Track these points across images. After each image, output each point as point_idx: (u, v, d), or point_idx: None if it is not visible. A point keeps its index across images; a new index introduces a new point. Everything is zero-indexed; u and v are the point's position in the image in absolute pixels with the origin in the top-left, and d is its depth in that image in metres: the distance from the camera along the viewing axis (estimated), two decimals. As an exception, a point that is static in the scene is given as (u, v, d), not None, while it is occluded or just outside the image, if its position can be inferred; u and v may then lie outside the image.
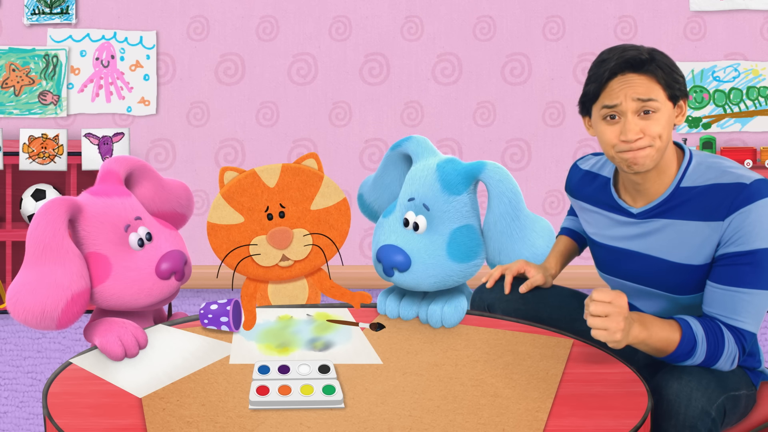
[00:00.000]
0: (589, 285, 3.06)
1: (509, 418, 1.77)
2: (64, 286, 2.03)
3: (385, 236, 2.24)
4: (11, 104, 3.94)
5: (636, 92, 1.89)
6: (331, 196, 2.17)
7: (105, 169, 2.26)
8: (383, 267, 2.21)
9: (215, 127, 4.03)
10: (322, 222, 2.16)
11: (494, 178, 2.15)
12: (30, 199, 3.81)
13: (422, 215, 2.20)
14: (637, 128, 1.89)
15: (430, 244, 2.19)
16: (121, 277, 2.14)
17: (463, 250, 2.20)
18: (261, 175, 2.15)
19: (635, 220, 2.03)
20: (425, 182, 2.21)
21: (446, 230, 2.20)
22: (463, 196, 2.20)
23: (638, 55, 1.90)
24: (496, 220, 2.17)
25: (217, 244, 2.16)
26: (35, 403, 3.06)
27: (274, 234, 2.15)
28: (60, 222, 2.05)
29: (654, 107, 1.89)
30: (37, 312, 2.01)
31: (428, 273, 2.19)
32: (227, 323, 2.15)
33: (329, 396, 1.82)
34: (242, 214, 2.14)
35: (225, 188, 2.15)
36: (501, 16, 4.00)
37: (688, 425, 1.80)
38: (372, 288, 3.86)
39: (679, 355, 1.88)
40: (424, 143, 2.29)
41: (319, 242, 2.18)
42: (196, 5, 3.98)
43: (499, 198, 2.15)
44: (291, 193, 2.14)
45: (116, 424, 1.75)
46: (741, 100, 4.01)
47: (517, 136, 4.05)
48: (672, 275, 1.99)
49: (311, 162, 2.19)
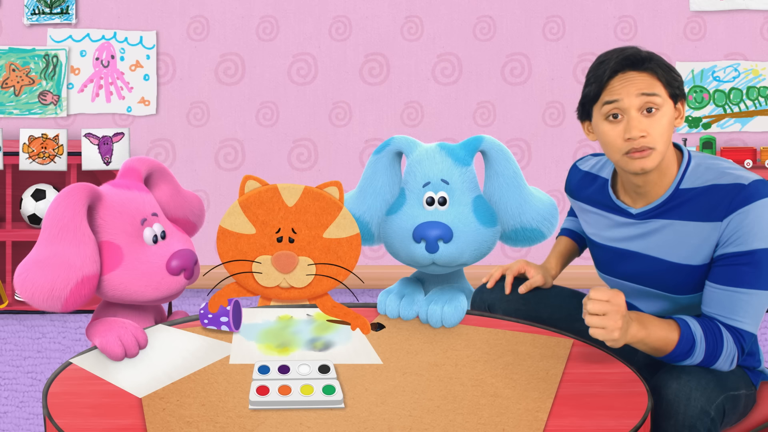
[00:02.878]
0: (589, 285, 3.06)
1: (509, 418, 1.77)
2: (76, 266, 2.05)
3: (413, 220, 2.26)
4: (11, 104, 3.94)
5: (638, 88, 1.88)
6: (346, 228, 2.17)
7: (127, 165, 2.31)
8: (427, 243, 2.23)
9: (215, 127, 4.03)
10: (331, 252, 2.15)
11: (495, 145, 2.31)
12: (30, 199, 3.81)
13: (443, 190, 2.27)
14: (642, 125, 1.88)
15: (460, 214, 2.26)
16: (131, 268, 2.16)
17: (488, 215, 2.29)
18: (282, 192, 2.15)
19: (634, 221, 2.04)
20: (435, 161, 2.30)
21: (468, 200, 2.28)
22: (471, 167, 2.32)
23: (637, 53, 1.91)
24: (508, 182, 2.29)
25: (224, 250, 2.17)
26: (35, 403, 3.06)
27: (279, 257, 2.14)
28: (80, 205, 2.08)
29: (657, 103, 1.88)
30: (46, 289, 2.03)
31: (468, 240, 2.25)
32: (227, 323, 2.15)
33: (329, 396, 1.82)
34: (255, 226, 2.14)
35: (244, 197, 2.15)
36: (501, 16, 4.00)
37: (688, 425, 1.80)
38: (372, 288, 3.86)
39: (678, 355, 1.88)
40: (409, 138, 2.38)
41: (325, 272, 2.17)
42: (196, 5, 3.98)
43: (505, 162, 2.29)
44: (307, 216, 2.14)
45: (116, 424, 1.75)
46: (741, 100, 4.01)
47: (517, 136, 4.06)
48: (671, 275, 1.99)
49: (333, 190, 2.19)
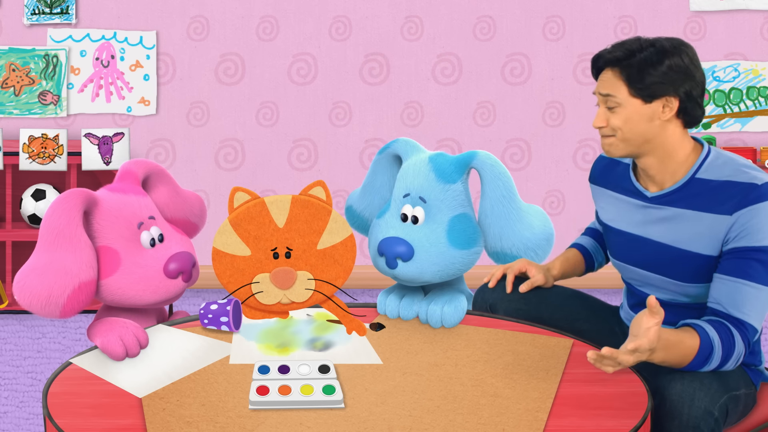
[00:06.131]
0: (590, 285, 3.05)
1: (509, 418, 1.77)
2: (73, 273, 2.05)
3: (383, 232, 2.24)
4: (11, 104, 3.94)
5: (601, 87, 2.05)
6: (339, 232, 2.16)
7: (124, 169, 2.30)
8: (386, 259, 2.21)
9: (215, 127, 4.03)
10: (327, 257, 2.15)
11: (487, 164, 2.22)
12: (30, 199, 3.81)
13: (420, 207, 2.22)
14: (602, 118, 2.04)
15: (431, 233, 2.20)
16: (129, 273, 2.15)
17: (463, 237, 2.21)
18: (270, 208, 2.14)
19: (649, 204, 2.09)
20: (419, 174, 2.24)
21: (444, 218, 2.21)
22: (457, 184, 2.23)
23: (615, 54, 2.03)
24: (493, 204, 2.21)
25: (221, 270, 2.15)
26: (35, 403, 3.06)
27: (277, 273, 2.14)
28: (75, 211, 2.08)
29: (613, 102, 2.02)
30: (44, 296, 2.03)
31: (431, 261, 2.19)
32: (227, 323, 2.15)
33: (329, 396, 1.82)
34: (248, 244, 2.13)
35: (234, 215, 2.14)
36: (501, 16, 4.00)
37: (692, 426, 1.81)
38: (372, 288, 3.86)
39: (699, 362, 1.90)
40: (411, 142, 2.34)
41: (324, 276, 2.17)
42: (196, 5, 3.98)
43: (494, 182, 2.20)
44: (299, 225, 2.14)
45: (116, 424, 1.75)
46: (741, 100, 4.01)
47: (517, 136, 4.05)
48: (680, 263, 2.03)
49: (319, 190, 2.18)
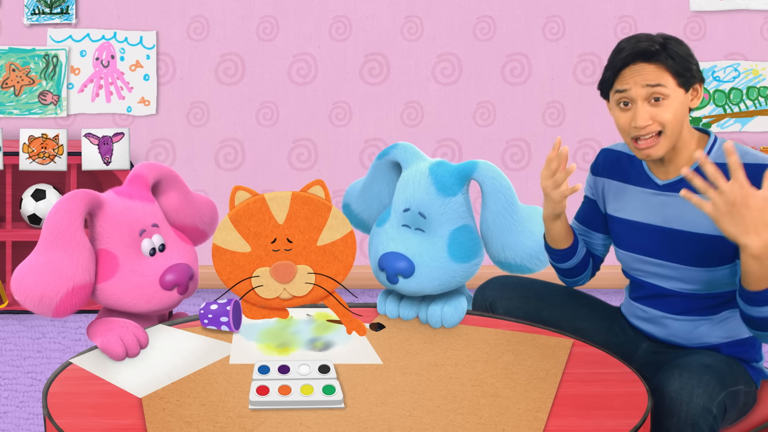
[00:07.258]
0: (590, 285, 3.05)
1: (509, 418, 1.77)
2: (68, 276, 2.05)
3: (384, 244, 2.24)
4: (11, 104, 3.94)
5: (645, 79, 1.95)
6: (339, 228, 2.16)
7: (134, 172, 2.28)
8: (387, 275, 2.21)
9: (215, 127, 4.03)
10: (327, 253, 2.16)
11: (488, 176, 2.19)
12: (30, 199, 3.81)
13: (419, 224, 2.21)
14: (647, 115, 1.96)
15: (431, 247, 2.19)
16: (125, 280, 2.15)
17: (464, 250, 2.20)
18: (270, 204, 2.14)
19: (659, 192, 2.09)
20: (419, 186, 2.22)
21: (445, 232, 2.20)
22: (458, 196, 2.21)
23: (649, 46, 1.96)
24: (494, 217, 2.20)
25: (221, 267, 2.15)
26: (35, 403, 3.06)
27: (277, 267, 2.14)
28: (77, 213, 2.08)
29: (663, 93, 1.95)
30: (36, 296, 2.04)
31: (432, 276, 2.19)
32: (227, 323, 2.15)
33: (329, 396, 1.82)
34: (248, 241, 2.14)
35: (233, 211, 2.14)
36: (501, 16, 4.00)
37: (690, 423, 1.81)
38: (372, 288, 3.86)
39: None
40: (411, 149, 2.31)
41: (324, 272, 2.17)
42: (196, 5, 3.98)
43: (495, 194, 2.19)
44: (299, 221, 2.14)
45: (116, 424, 1.75)
46: (741, 100, 4.01)
47: (517, 136, 4.05)
48: (690, 246, 2.02)
49: (318, 189, 2.18)
